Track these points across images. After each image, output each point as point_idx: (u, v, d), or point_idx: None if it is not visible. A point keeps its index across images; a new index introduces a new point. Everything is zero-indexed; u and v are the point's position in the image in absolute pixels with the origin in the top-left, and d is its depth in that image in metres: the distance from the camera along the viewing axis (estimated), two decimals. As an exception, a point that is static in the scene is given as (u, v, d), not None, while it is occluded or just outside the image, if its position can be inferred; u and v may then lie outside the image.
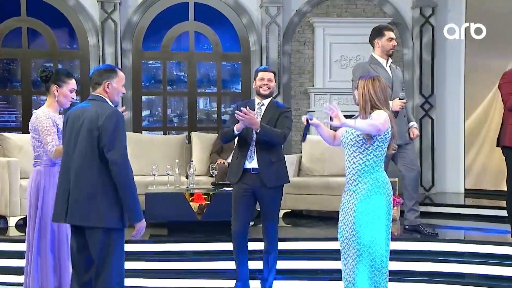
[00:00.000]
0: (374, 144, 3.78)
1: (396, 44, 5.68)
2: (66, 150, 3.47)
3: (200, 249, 5.57)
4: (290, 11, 8.74)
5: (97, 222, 3.33)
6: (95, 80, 3.54)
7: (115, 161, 3.29)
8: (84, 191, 3.34)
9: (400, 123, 5.57)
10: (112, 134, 3.32)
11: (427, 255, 5.49)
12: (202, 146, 7.58)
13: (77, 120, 3.43)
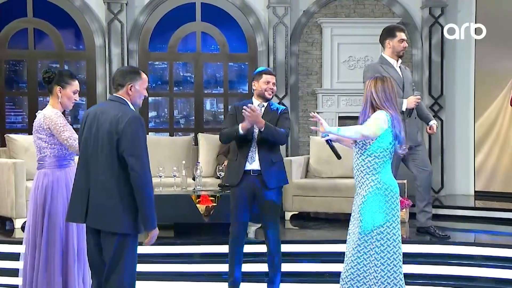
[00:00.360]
0: (374, 145, 3.77)
1: (407, 45, 5.65)
2: (84, 150, 3.43)
3: (207, 251, 5.56)
4: (297, 11, 8.72)
5: (113, 227, 3.32)
6: (118, 82, 3.49)
7: (132, 167, 3.28)
8: (104, 194, 3.32)
9: (411, 125, 5.55)
10: (132, 139, 3.29)
11: (437, 258, 5.46)
12: (209, 148, 7.57)
13: (96, 120, 3.39)
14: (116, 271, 3.36)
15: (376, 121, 3.75)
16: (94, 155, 3.37)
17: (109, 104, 3.46)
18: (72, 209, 3.46)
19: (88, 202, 3.37)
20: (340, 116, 8.61)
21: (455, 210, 7.41)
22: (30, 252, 4.05)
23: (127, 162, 3.29)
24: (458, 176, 8.81)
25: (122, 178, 3.32)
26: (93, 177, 3.35)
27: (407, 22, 8.69)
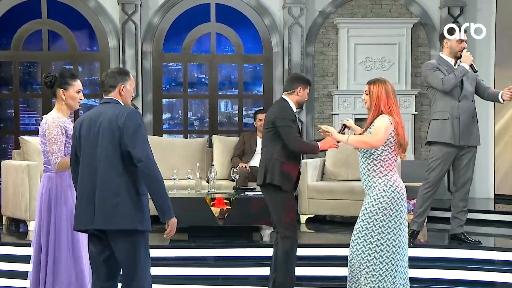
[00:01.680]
0: (379, 149, 3.85)
1: (465, 46, 5.56)
2: (85, 155, 3.45)
3: (221, 255, 5.56)
4: (313, 11, 8.70)
5: (122, 224, 3.33)
6: (109, 83, 3.54)
7: (139, 158, 3.31)
8: (110, 193, 3.34)
9: (470, 124, 5.51)
10: (134, 132, 3.34)
11: (455, 263, 5.42)
12: (223, 150, 7.58)
13: (94, 123, 3.42)
14: (134, 271, 3.38)
15: (384, 130, 3.83)
16: (95, 157, 3.39)
17: (104, 107, 3.50)
18: (80, 216, 3.45)
19: (95, 205, 3.37)
20: (356, 118, 8.56)
21: (474, 214, 7.31)
22: (36, 255, 4.04)
23: (133, 155, 3.32)
24: (478, 179, 8.71)
25: (127, 176, 3.35)
26: (98, 180, 3.37)
27: (425, 22, 8.65)
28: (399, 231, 3.86)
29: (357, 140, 3.85)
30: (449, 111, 5.49)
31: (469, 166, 5.60)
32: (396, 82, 8.32)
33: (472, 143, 5.55)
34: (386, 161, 3.83)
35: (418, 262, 5.42)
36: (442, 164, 5.55)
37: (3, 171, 6.89)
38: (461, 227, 5.67)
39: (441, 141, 5.54)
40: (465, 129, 5.49)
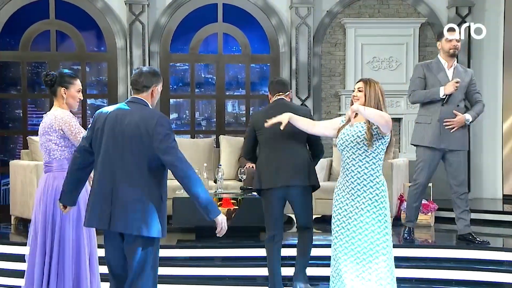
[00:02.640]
0: (379, 147, 3.83)
1: (456, 44, 5.59)
2: (106, 152, 3.37)
3: (228, 255, 5.59)
4: (320, 11, 8.71)
5: (142, 230, 3.30)
6: (144, 83, 3.46)
7: (172, 163, 3.29)
8: (131, 197, 3.29)
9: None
10: (165, 139, 3.30)
11: (463, 263, 5.42)
12: (230, 150, 7.60)
13: (120, 122, 3.35)
14: (141, 277, 3.37)
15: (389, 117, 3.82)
16: (118, 158, 3.33)
17: (132, 106, 3.43)
18: (94, 214, 3.40)
19: (112, 206, 3.32)
20: (364, 118, 8.58)
21: (482, 214, 7.32)
22: (39, 257, 4.00)
23: (164, 161, 3.28)
24: (485, 179, 8.73)
25: (151, 182, 3.32)
26: (119, 181, 3.32)
27: (433, 22, 8.65)
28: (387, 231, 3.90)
29: (377, 112, 3.73)
30: (431, 115, 5.60)
31: (460, 168, 5.65)
32: (403, 82, 8.32)
33: (455, 147, 5.59)
34: (381, 160, 3.88)
35: (425, 263, 5.43)
36: (428, 166, 5.64)
37: (12, 171, 6.95)
38: (468, 227, 5.68)
39: (422, 144, 5.66)
40: (446, 133, 5.54)
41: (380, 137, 3.83)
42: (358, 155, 3.86)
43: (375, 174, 3.85)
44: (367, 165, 3.85)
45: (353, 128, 3.89)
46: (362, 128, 3.86)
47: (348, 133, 3.90)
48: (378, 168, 3.87)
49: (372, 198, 3.83)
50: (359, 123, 3.89)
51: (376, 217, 3.85)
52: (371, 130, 3.81)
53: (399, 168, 6.98)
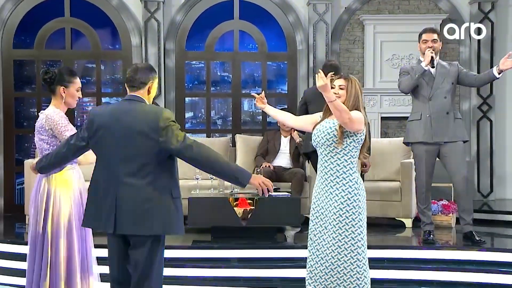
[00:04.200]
0: (350, 145, 3.80)
1: (433, 46, 5.64)
2: (105, 153, 3.36)
3: (244, 256, 5.58)
4: (339, 8, 8.69)
5: (152, 230, 3.28)
6: (141, 79, 3.43)
7: (180, 150, 3.27)
8: (137, 196, 3.27)
9: (443, 120, 5.59)
10: (171, 129, 3.28)
11: (485, 266, 5.37)
12: (246, 149, 7.60)
13: (117, 122, 3.33)
14: (149, 277, 3.35)
15: (361, 120, 3.79)
16: (121, 158, 3.30)
17: (130, 104, 3.39)
18: (98, 217, 3.36)
19: (117, 208, 3.29)
20: (382, 116, 8.55)
21: (505, 216, 7.27)
22: (30, 256, 3.99)
23: (176, 150, 3.26)
24: (509, 180, 8.64)
25: (158, 178, 3.29)
26: (122, 181, 3.29)
27: (455, 18, 8.56)
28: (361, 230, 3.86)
29: (342, 107, 3.69)
30: (421, 111, 5.67)
31: (457, 163, 5.61)
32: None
33: (449, 139, 5.60)
34: (355, 158, 3.85)
35: (447, 265, 5.39)
36: (424, 162, 5.66)
37: (26, 171, 7.01)
38: (469, 226, 5.68)
39: (414, 141, 5.72)
40: (437, 126, 5.59)
41: (351, 134, 3.81)
42: (329, 151, 3.86)
43: (348, 172, 3.83)
44: (338, 162, 3.84)
45: (325, 124, 3.90)
46: (333, 125, 3.86)
47: (321, 129, 3.90)
48: (351, 166, 3.84)
49: (344, 196, 3.82)
50: (331, 120, 3.89)
51: (349, 216, 3.81)
52: (342, 128, 3.80)
53: (419, 168, 6.93)
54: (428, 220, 5.79)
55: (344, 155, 3.84)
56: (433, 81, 5.64)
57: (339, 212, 3.82)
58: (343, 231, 3.83)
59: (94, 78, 8.78)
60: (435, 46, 5.67)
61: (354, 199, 3.83)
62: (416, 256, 5.52)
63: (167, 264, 3.73)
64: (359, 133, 3.84)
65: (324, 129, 3.88)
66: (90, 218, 3.44)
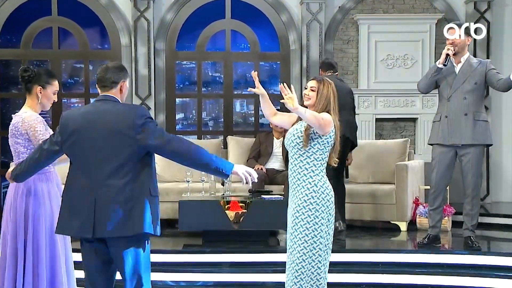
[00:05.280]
0: (314, 147, 3.83)
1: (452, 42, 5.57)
2: (82, 155, 3.31)
3: (236, 260, 5.58)
4: (332, 7, 8.71)
5: (135, 230, 3.25)
6: (111, 79, 3.42)
7: (164, 142, 3.26)
8: (117, 198, 3.24)
9: (460, 122, 5.55)
10: (148, 126, 3.27)
11: (481, 270, 5.39)
12: (238, 151, 7.61)
13: (94, 123, 3.31)
14: (139, 281, 3.34)
15: (329, 123, 3.81)
16: (97, 159, 3.27)
17: (104, 105, 3.37)
18: (74, 222, 3.29)
19: (96, 212, 3.24)
20: (377, 118, 8.58)
21: (501, 219, 7.30)
22: (11, 262, 3.93)
23: (155, 145, 3.25)
24: (505, 182, 8.69)
25: (135, 177, 3.27)
26: (99, 183, 3.26)
27: (450, 18, 8.60)
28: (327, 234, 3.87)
29: (315, 115, 3.72)
30: (441, 112, 5.67)
31: (469, 168, 5.60)
32: (418, 80, 8.28)
33: (466, 141, 5.56)
34: (319, 160, 3.86)
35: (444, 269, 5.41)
36: (438, 164, 5.65)
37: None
38: (469, 231, 5.69)
39: (432, 142, 5.73)
40: (454, 127, 5.56)
41: (316, 136, 3.83)
42: (294, 153, 3.91)
43: (309, 174, 3.85)
44: (301, 165, 3.87)
45: (296, 127, 3.94)
46: (300, 127, 3.90)
47: (291, 131, 3.95)
48: (313, 168, 3.86)
49: (307, 200, 3.82)
50: (301, 122, 3.92)
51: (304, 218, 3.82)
52: (308, 130, 3.83)
53: (414, 170, 6.96)
54: (432, 223, 5.79)
55: (307, 157, 3.86)
56: (453, 80, 5.58)
57: (296, 214, 3.85)
58: (300, 233, 3.84)
59: (82, 79, 8.77)
60: (456, 42, 5.57)
61: (311, 201, 3.83)
62: (411, 260, 5.54)
63: (157, 269, 3.73)
64: (325, 136, 3.85)
65: (294, 131, 3.92)
66: (67, 225, 3.35)
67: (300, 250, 3.84)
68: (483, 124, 5.60)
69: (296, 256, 3.85)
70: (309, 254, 3.84)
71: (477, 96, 5.59)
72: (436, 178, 5.68)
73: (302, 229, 3.84)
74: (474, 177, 5.61)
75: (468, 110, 5.55)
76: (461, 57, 5.63)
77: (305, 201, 3.84)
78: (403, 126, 8.75)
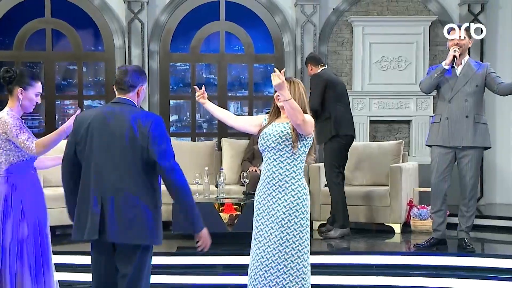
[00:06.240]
0: (301, 149, 3.81)
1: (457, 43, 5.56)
2: (93, 157, 3.30)
3: (230, 263, 5.59)
4: (327, 9, 8.73)
5: (139, 239, 3.27)
6: (130, 82, 3.39)
7: (168, 169, 3.26)
8: (126, 205, 3.24)
9: (461, 124, 5.57)
10: (163, 141, 3.27)
11: (475, 272, 5.41)
12: (233, 153, 7.61)
13: (108, 125, 3.29)
14: (137, 286, 3.36)
15: (311, 124, 3.79)
16: (109, 164, 3.27)
17: (120, 108, 3.36)
18: (82, 224, 3.31)
19: (105, 214, 3.25)
20: (371, 120, 8.60)
21: (495, 221, 7.32)
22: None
23: (160, 166, 3.24)
24: (499, 184, 8.71)
25: (146, 187, 3.28)
26: (110, 186, 3.26)
27: (444, 20, 8.64)
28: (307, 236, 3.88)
29: (298, 107, 3.66)
30: (441, 113, 5.67)
31: (468, 170, 5.61)
32: (413, 82, 8.34)
33: (466, 143, 5.57)
34: (303, 162, 3.86)
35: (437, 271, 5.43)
36: (437, 165, 5.67)
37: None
38: (463, 232, 5.70)
39: (431, 143, 5.74)
40: (455, 129, 5.57)
41: (303, 138, 3.81)
42: (279, 155, 3.82)
43: (297, 177, 3.82)
44: (288, 167, 3.82)
45: (276, 128, 3.86)
46: (285, 128, 3.83)
47: (271, 133, 3.85)
48: (300, 171, 3.85)
49: (294, 201, 3.80)
50: (282, 123, 3.87)
51: (297, 222, 3.80)
52: (296, 130, 3.77)
53: (408, 172, 6.98)
54: (433, 226, 5.81)
55: (294, 159, 3.81)
56: (455, 83, 5.59)
57: (288, 218, 3.80)
58: (291, 237, 3.80)
59: (76, 80, 8.77)
60: (461, 44, 5.57)
61: (302, 204, 3.82)
62: (406, 262, 5.56)
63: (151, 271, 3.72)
64: (309, 137, 3.84)
65: (275, 132, 3.83)
66: (79, 229, 3.35)
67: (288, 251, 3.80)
68: (483, 126, 5.63)
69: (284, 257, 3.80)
70: (299, 254, 3.82)
71: (477, 99, 5.61)
72: (435, 180, 5.69)
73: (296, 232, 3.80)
74: (472, 179, 5.62)
75: (469, 112, 5.56)
76: (462, 59, 5.64)
77: (298, 204, 3.80)
78: (397, 128, 8.78)
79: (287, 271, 3.82)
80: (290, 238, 3.81)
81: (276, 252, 3.82)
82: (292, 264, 3.82)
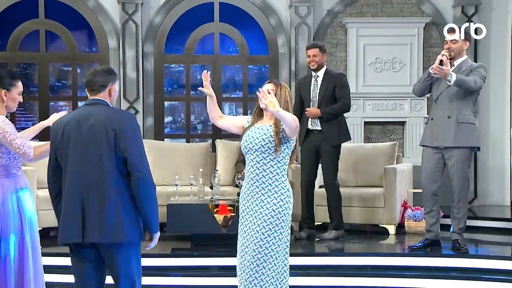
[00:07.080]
0: (284, 151, 3.81)
1: (451, 46, 5.57)
2: (73, 160, 3.32)
3: (225, 264, 5.59)
4: (321, 11, 8.75)
5: (122, 237, 3.28)
6: (100, 82, 3.43)
7: (138, 168, 3.26)
8: (104, 204, 3.26)
9: (444, 124, 5.58)
10: (133, 138, 3.29)
11: (469, 273, 5.42)
12: (227, 155, 7.61)
13: (83, 126, 3.32)
14: (133, 286, 3.36)
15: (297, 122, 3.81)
16: (86, 164, 3.29)
17: (93, 108, 3.39)
18: (67, 228, 3.32)
19: (85, 216, 3.28)
20: (365, 121, 8.62)
21: (489, 222, 7.34)
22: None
23: (130, 163, 3.25)
24: (492, 186, 8.75)
25: (121, 184, 3.29)
26: (89, 188, 3.28)
27: (438, 22, 8.69)
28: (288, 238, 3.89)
29: (294, 117, 3.71)
30: (430, 114, 5.81)
31: (454, 171, 5.60)
32: (407, 84, 8.35)
33: (448, 143, 5.58)
34: (286, 164, 3.87)
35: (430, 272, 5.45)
36: (426, 166, 5.73)
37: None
38: (456, 234, 5.70)
39: (421, 144, 5.86)
40: (438, 129, 5.62)
41: (286, 140, 3.81)
42: (262, 158, 3.82)
43: (280, 179, 3.82)
44: (271, 170, 3.81)
45: (259, 130, 3.86)
46: (268, 131, 3.83)
47: (253, 135, 3.85)
48: (284, 173, 3.86)
49: (277, 204, 3.79)
50: (265, 126, 3.86)
51: (278, 223, 3.79)
52: (279, 135, 3.77)
53: (402, 174, 7.00)
54: (427, 226, 5.84)
55: (277, 162, 3.81)
56: (439, 84, 5.63)
57: (270, 220, 3.78)
58: (271, 238, 3.80)
59: (70, 82, 8.75)
60: (453, 47, 5.58)
61: (285, 206, 3.81)
62: (400, 263, 5.57)
63: (145, 273, 3.73)
64: (292, 139, 3.84)
65: (259, 135, 3.83)
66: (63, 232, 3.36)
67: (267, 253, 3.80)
68: (467, 126, 5.59)
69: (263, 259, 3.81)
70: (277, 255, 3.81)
71: (463, 99, 5.58)
72: (423, 180, 5.74)
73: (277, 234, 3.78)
74: (460, 180, 5.61)
75: (451, 112, 5.57)
76: (455, 61, 5.65)
77: (281, 206, 3.78)
78: (391, 129, 8.80)
79: (265, 272, 3.82)
80: (270, 240, 3.80)
81: (256, 253, 3.83)
82: (269, 265, 3.82)
